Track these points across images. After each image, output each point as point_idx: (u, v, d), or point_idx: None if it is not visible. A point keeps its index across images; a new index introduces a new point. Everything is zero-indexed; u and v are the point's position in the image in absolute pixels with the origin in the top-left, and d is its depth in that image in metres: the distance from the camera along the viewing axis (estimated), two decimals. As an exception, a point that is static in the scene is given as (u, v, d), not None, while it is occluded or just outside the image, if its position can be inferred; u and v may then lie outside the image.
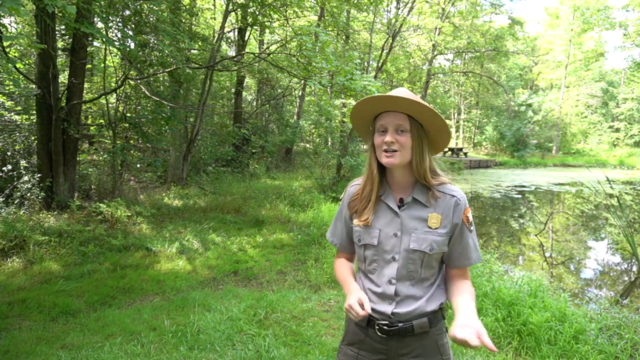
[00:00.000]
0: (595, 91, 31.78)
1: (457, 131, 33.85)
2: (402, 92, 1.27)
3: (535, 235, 7.54)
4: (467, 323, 1.11)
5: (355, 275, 1.43)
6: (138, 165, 8.84)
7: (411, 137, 1.27)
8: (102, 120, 9.13)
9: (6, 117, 7.23)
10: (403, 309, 1.27)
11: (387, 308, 1.28)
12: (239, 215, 7.32)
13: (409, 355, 1.30)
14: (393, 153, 1.26)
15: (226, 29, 10.76)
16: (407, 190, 1.33)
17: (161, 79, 9.50)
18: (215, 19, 12.25)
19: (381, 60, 17.41)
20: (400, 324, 1.27)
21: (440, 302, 1.32)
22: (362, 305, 1.20)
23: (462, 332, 1.07)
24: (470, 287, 1.32)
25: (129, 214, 6.16)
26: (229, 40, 14.45)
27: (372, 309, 1.29)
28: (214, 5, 12.30)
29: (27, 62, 8.10)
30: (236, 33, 12.95)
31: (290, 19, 9.50)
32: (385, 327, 1.28)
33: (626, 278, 5.64)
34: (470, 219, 1.34)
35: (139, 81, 7.33)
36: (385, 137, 1.26)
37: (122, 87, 7.27)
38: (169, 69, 7.36)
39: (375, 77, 15.36)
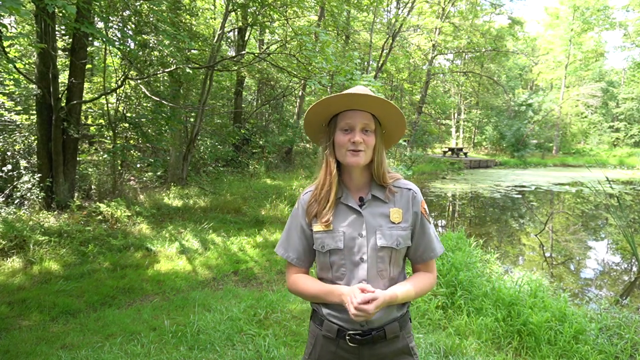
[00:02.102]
0: (595, 91, 31.76)
1: (457, 131, 33.86)
2: (364, 89, 1.25)
3: (535, 235, 7.54)
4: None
5: None
6: (138, 165, 8.84)
7: (375, 137, 1.27)
8: (102, 120, 9.13)
9: (6, 117, 7.23)
10: (375, 316, 1.22)
11: None
12: (239, 215, 7.32)
13: None
14: (359, 152, 1.23)
15: (226, 29, 10.75)
16: (364, 189, 1.31)
17: (161, 79, 9.50)
18: (215, 19, 12.25)
19: (381, 60, 17.43)
20: (373, 332, 1.23)
21: (407, 305, 1.32)
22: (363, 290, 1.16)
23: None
24: (423, 276, 1.32)
25: (129, 214, 6.16)
26: (229, 40, 14.44)
27: (342, 319, 1.25)
28: (214, 5, 12.29)
29: (27, 62, 8.10)
30: (236, 33, 12.95)
31: (290, 19, 9.50)
32: (357, 337, 1.23)
33: (626, 278, 5.64)
34: (427, 210, 1.34)
35: (139, 81, 7.33)
36: (354, 137, 1.23)
37: (122, 87, 7.27)
38: (169, 69, 7.36)
39: (375, 77, 15.38)
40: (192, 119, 9.92)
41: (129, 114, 7.90)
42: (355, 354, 1.26)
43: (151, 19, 6.78)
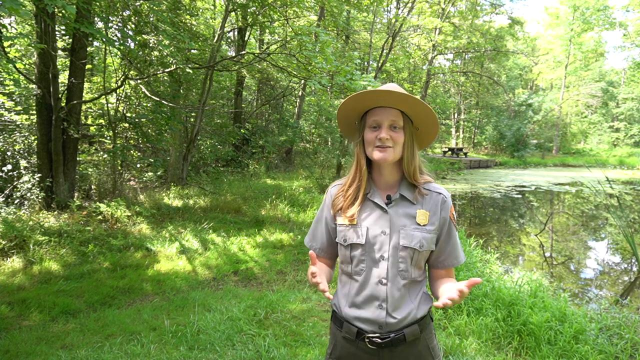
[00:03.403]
0: (595, 91, 31.75)
1: (457, 131, 33.85)
2: (394, 87, 1.25)
3: (535, 235, 7.54)
4: (447, 289, 1.17)
5: (329, 277, 1.36)
6: (138, 165, 8.84)
7: (404, 133, 1.26)
8: (102, 120, 9.14)
9: (6, 117, 7.23)
10: (394, 316, 1.24)
11: (377, 314, 1.24)
12: (239, 215, 7.32)
13: None
14: (386, 148, 1.24)
15: (226, 29, 10.75)
16: (393, 188, 1.31)
17: (161, 79, 9.49)
18: (215, 19, 12.24)
19: (381, 60, 17.43)
20: (392, 335, 1.23)
21: (428, 307, 1.31)
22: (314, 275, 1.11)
23: (443, 298, 1.09)
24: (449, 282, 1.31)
25: (129, 214, 6.16)
26: (229, 40, 14.45)
27: (361, 319, 1.26)
28: (214, 5, 12.29)
29: (27, 62, 8.10)
30: (236, 33, 12.95)
31: (290, 19, 9.50)
32: (377, 340, 1.24)
33: (626, 278, 5.64)
34: (455, 217, 1.34)
35: (139, 81, 7.33)
36: (380, 133, 1.24)
37: (122, 87, 7.27)
38: (169, 69, 7.36)
39: (375, 77, 15.38)
40: (192, 119, 9.91)
41: (129, 114, 7.90)
42: (375, 355, 1.26)
43: (151, 19, 6.78)
